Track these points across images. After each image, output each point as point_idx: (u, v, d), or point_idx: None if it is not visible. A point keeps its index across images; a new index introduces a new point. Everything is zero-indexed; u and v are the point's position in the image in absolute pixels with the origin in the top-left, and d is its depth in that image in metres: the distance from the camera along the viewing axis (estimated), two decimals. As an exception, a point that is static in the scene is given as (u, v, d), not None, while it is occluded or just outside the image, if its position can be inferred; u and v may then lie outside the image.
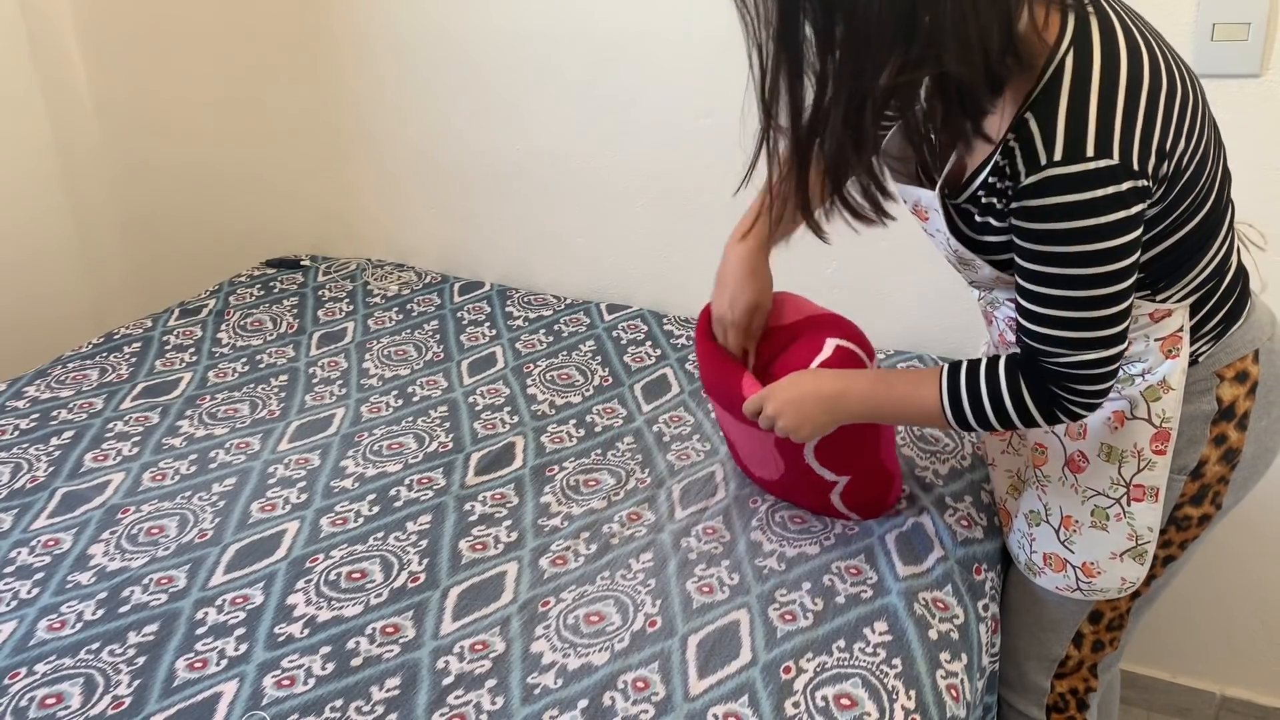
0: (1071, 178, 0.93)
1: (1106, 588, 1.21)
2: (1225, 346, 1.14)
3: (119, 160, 2.49)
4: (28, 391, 1.74)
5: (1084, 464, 1.19)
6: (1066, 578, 1.23)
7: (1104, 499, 1.18)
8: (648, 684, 1.11)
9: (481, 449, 1.57)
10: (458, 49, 2.08)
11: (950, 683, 1.14)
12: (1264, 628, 1.83)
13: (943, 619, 1.22)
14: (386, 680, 1.13)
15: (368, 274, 2.21)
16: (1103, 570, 1.20)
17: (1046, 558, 1.25)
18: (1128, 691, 1.91)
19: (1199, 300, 1.11)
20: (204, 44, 2.31)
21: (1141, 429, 1.14)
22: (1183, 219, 1.04)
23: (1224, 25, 1.52)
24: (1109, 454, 1.17)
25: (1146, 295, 1.09)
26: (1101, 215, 0.94)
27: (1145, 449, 1.14)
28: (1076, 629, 1.29)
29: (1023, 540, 1.29)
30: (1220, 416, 1.15)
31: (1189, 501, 1.18)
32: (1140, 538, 1.17)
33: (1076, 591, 1.23)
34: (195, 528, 1.39)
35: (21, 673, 1.14)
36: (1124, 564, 1.19)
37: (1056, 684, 1.33)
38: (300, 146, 2.32)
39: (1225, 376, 1.14)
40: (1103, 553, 1.20)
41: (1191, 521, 1.19)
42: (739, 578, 1.27)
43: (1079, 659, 1.31)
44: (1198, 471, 1.16)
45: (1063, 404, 1.06)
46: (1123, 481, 1.16)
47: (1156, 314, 1.10)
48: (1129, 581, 1.20)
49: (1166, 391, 1.13)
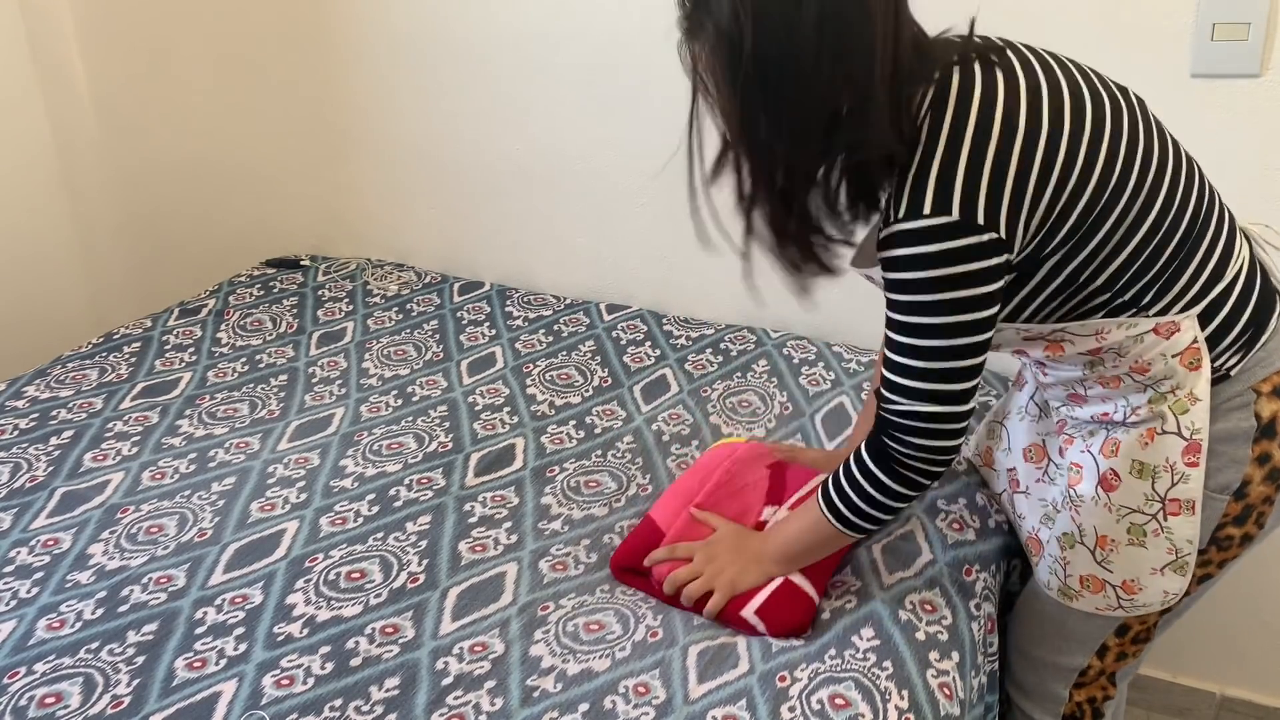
0: (911, 233, 1.01)
1: (1150, 602, 1.20)
2: (1259, 359, 1.12)
3: (118, 160, 2.50)
4: (27, 391, 1.74)
5: (1116, 482, 1.17)
6: (1106, 598, 1.21)
7: (1140, 515, 1.16)
8: (648, 689, 1.11)
9: (481, 449, 1.57)
10: (458, 49, 2.08)
11: (943, 681, 1.14)
12: (1264, 628, 1.83)
13: (930, 620, 1.21)
14: (386, 680, 1.13)
15: (367, 274, 2.21)
16: (1144, 586, 1.19)
17: (1084, 580, 1.23)
18: (1128, 692, 1.91)
19: (1207, 309, 1.10)
20: (204, 44, 2.31)
21: (1172, 443, 1.13)
22: (1115, 240, 1.05)
23: (1224, 25, 1.52)
24: (1140, 470, 1.15)
25: (1135, 313, 1.09)
26: (943, 267, 1.01)
27: (1178, 463, 1.13)
28: (1102, 642, 1.28)
29: (1055, 566, 1.26)
30: (1261, 434, 1.12)
31: (1232, 522, 1.16)
32: (1180, 550, 1.16)
33: (1119, 610, 1.22)
34: (194, 527, 1.39)
35: (21, 672, 1.14)
36: (1165, 577, 1.18)
37: (1075, 693, 1.32)
38: (300, 146, 2.32)
39: (1262, 391, 1.12)
40: (1143, 569, 1.18)
41: (1234, 541, 1.18)
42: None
43: (1100, 668, 1.30)
44: (1241, 492, 1.14)
45: (901, 459, 1.10)
46: (1158, 497, 1.15)
47: (1162, 329, 1.10)
48: (1171, 594, 1.19)
49: (1194, 403, 1.12)
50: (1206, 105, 1.57)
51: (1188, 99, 1.58)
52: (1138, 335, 1.10)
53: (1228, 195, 1.61)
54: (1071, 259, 1.06)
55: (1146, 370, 1.12)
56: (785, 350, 1.84)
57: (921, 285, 1.02)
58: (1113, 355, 1.12)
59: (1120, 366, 1.13)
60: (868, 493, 1.14)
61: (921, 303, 1.03)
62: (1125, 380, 1.15)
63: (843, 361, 1.80)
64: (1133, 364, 1.12)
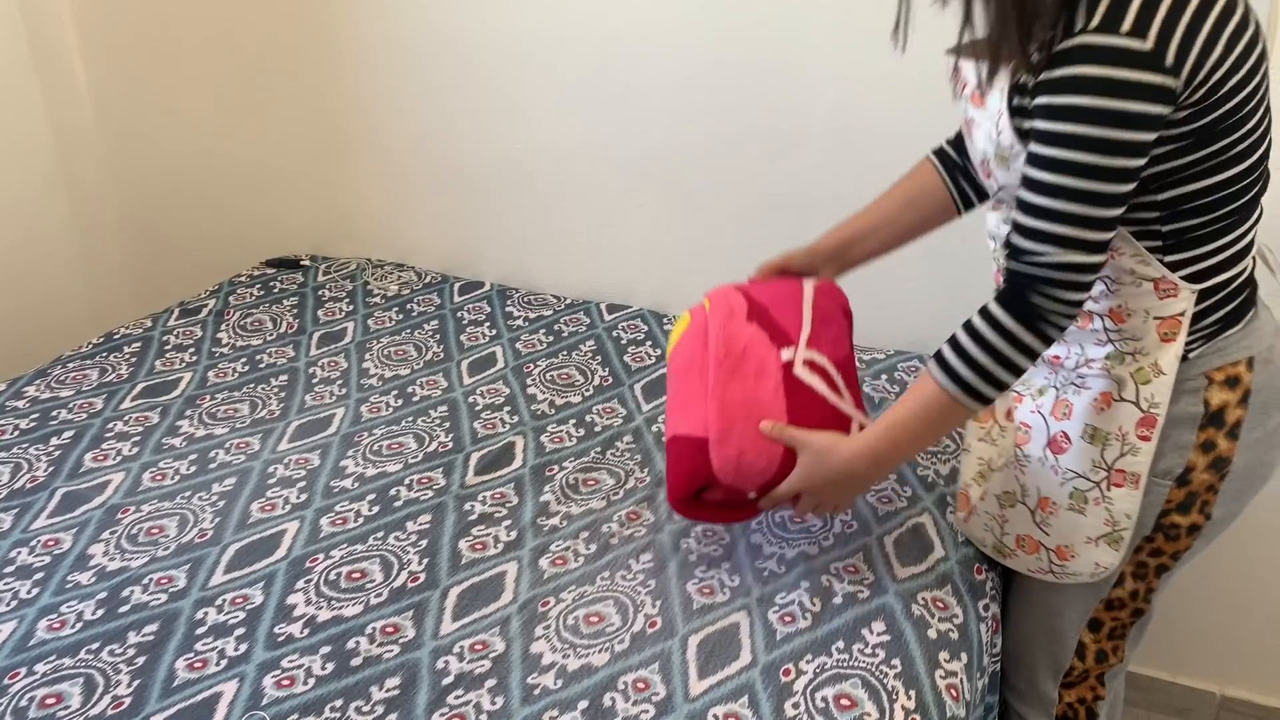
0: (1100, 50, 0.94)
1: (1079, 571, 1.21)
2: (1218, 348, 1.13)
3: (118, 160, 2.49)
4: (28, 391, 1.74)
5: (1066, 445, 1.18)
6: (1039, 560, 1.23)
7: (1084, 481, 1.17)
8: (648, 684, 1.11)
9: (481, 449, 1.57)
10: (458, 49, 2.08)
11: (950, 682, 1.14)
12: (1264, 628, 1.83)
13: (942, 619, 1.21)
14: (386, 680, 1.13)
15: (368, 274, 2.21)
16: (1077, 554, 1.20)
17: (1020, 540, 1.24)
18: (1128, 691, 1.91)
19: (1206, 291, 1.10)
20: (204, 44, 2.31)
21: (1128, 412, 1.14)
22: (1216, 162, 1.03)
23: (1224, 25, 1.51)
24: (1093, 436, 1.16)
25: (1158, 249, 1.08)
26: (1122, 100, 0.94)
27: (1130, 433, 1.14)
28: (1078, 639, 1.28)
29: (991, 523, 1.28)
30: (1208, 421, 1.13)
31: (1176, 509, 1.17)
32: (1117, 524, 1.17)
33: (1049, 574, 1.23)
34: (195, 528, 1.39)
35: (21, 672, 1.14)
36: (1099, 549, 1.19)
37: (1065, 693, 1.33)
38: (300, 146, 2.32)
39: (1215, 380, 1.13)
40: (1079, 536, 1.19)
41: (1180, 531, 1.18)
42: (739, 579, 1.27)
43: (1084, 669, 1.31)
44: (1184, 478, 1.15)
45: (1041, 312, 1.04)
46: (1104, 465, 1.16)
47: (1163, 285, 1.09)
48: (1102, 566, 1.20)
49: (1157, 375, 1.12)
50: (1206, 104, 1.57)
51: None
52: (1139, 278, 1.09)
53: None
54: (1177, 157, 1.02)
55: (1123, 320, 1.12)
56: (785, 350, 1.84)
57: (1091, 114, 0.95)
58: (1103, 286, 1.11)
59: (1101, 304, 1.13)
60: (1002, 353, 1.06)
61: (1085, 137, 0.96)
62: (1095, 321, 1.14)
63: (843, 361, 1.80)
64: (1114, 306, 1.12)
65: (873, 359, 1.81)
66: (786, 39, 1.80)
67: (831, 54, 1.78)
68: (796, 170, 1.87)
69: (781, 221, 1.86)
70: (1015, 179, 1.09)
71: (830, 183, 1.82)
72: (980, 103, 1.13)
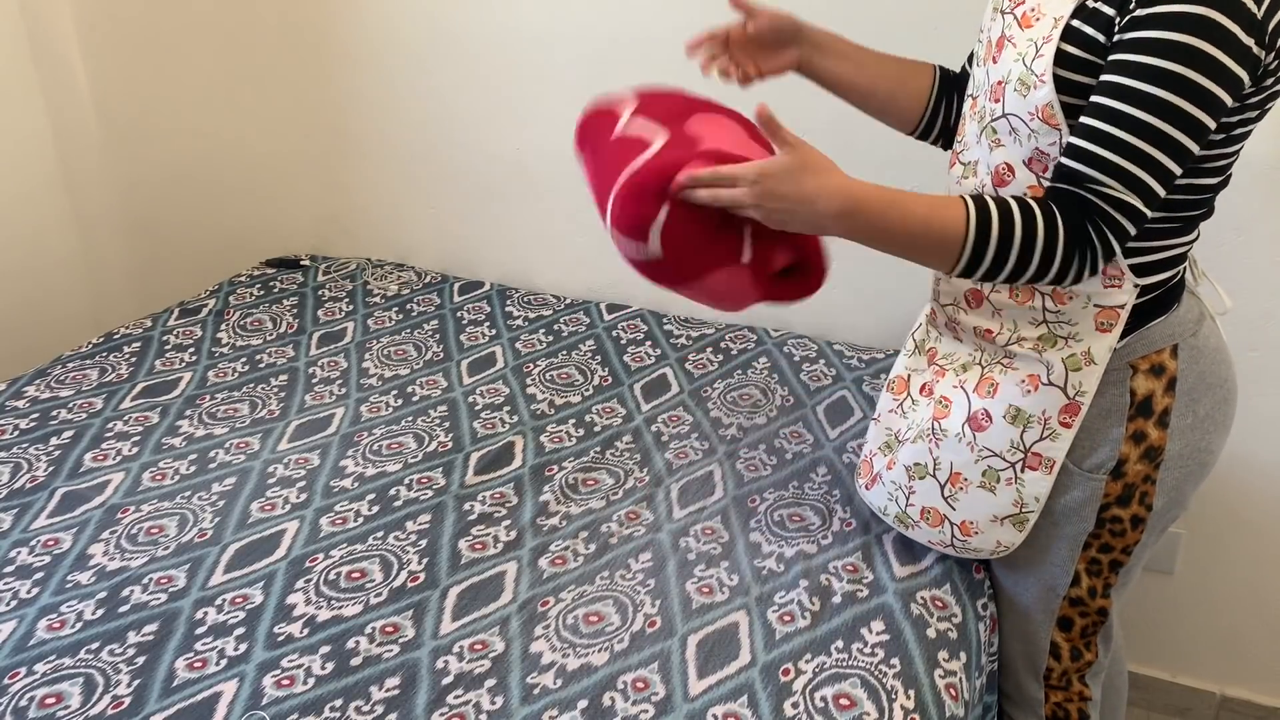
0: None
1: (980, 548, 1.22)
2: (1141, 337, 1.13)
3: (119, 160, 2.49)
4: (27, 391, 1.74)
5: (986, 424, 1.18)
6: (942, 533, 1.24)
7: (999, 461, 1.17)
8: (647, 684, 1.11)
9: (481, 448, 1.57)
10: (457, 49, 2.08)
11: (949, 681, 1.14)
12: (1264, 628, 1.83)
13: (941, 618, 1.22)
14: (386, 680, 1.13)
15: (367, 274, 2.21)
16: (980, 531, 1.20)
17: (924, 512, 1.25)
18: (1129, 692, 1.91)
19: (1147, 286, 1.11)
20: (204, 44, 2.31)
21: (1054, 397, 1.14)
22: (1200, 168, 1.04)
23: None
24: (1015, 417, 1.16)
25: None
26: (1222, 49, 0.93)
27: (1053, 418, 1.14)
28: (1050, 639, 1.29)
29: (896, 492, 1.28)
30: (1136, 412, 1.14)
31: (1115, 502, 1.17)
32: (1025, 505, 1.17)
33: (949, 548, 1.24)
34: (195, 527, 1.39)
35: (21, 672, 1.14)
36: (1003, 528, 1.19)
37: (1051, 694, 1.33)
38: (300, 146, 2.32)
39: (1139, 368, 1.14)
40: (984, 514, 1.20)
41: (1124, 524, 1.18)
42: (738, 578, 1.27)
43: (1063, 669, 1.31)
44: (1118, 470, 1.15)
45: (1092, 241, 1.00)
46: (1022, 447, 1.16)
47: (1110, 272, 1.09)
48: (1004, 545, 1.20)
49: (1089, 364, 1.12)
50: (1206, 104, 1.57)
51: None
52: None
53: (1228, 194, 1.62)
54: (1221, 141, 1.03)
55: (1064, 303, 1.12)
56: (786, 348, 1.84)
57: (1186, 54, 0.93)
58: None
59: None
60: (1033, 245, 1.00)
61: (1175, 75, 0.93)
62: (1036, 300, 1.13)
63: (844, 359, 1.80)
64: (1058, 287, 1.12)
65: (872, 358, 1.81)
66: (786, 39, 1.80)
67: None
68: (796, 170, 1.86)
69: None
70: (1023, 109, 1.06)
71: (830, 183, 1.81)
72: (1029, 24, 1.08)
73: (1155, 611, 1.88)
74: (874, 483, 1.33)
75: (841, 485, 1.46)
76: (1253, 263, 1.62)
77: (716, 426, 1.61)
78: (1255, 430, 1.71)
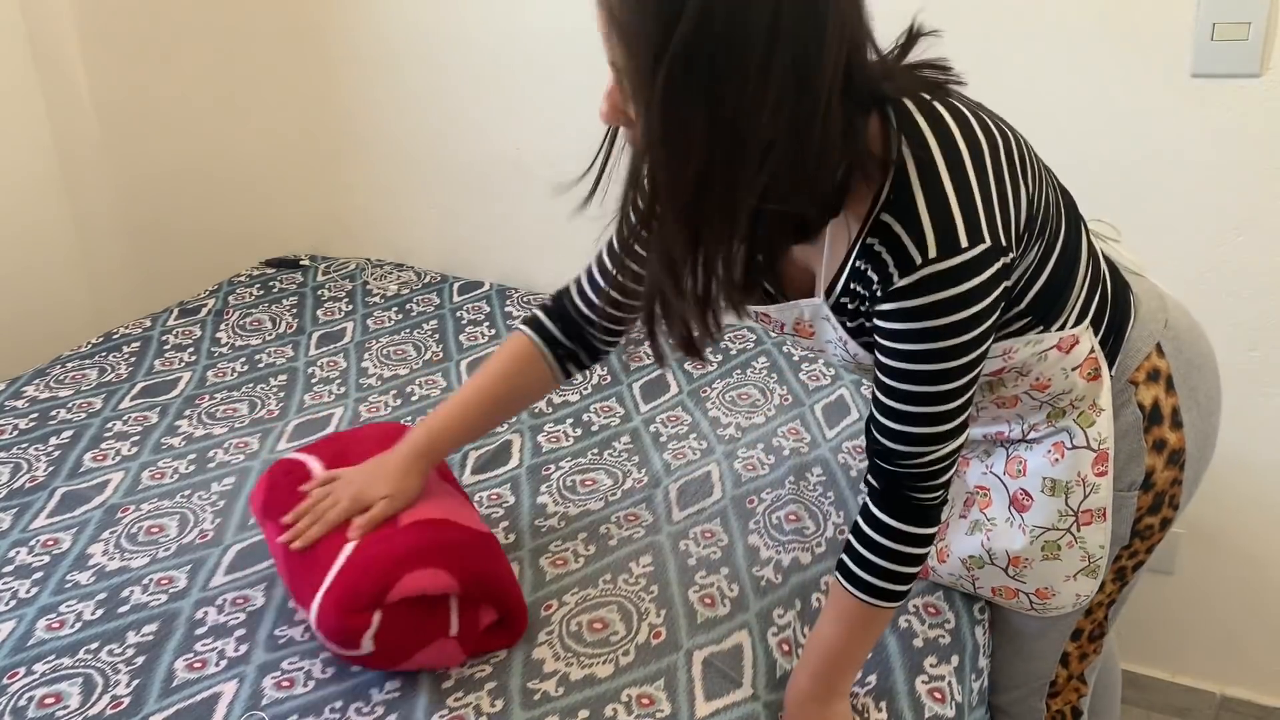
0: (950, 272, 0.88)
1: (1062, 605, 1.21)
2: (1127, 353, 1.14)
3: (119, 160, 2.49)
4: (27, 391, 1.74)
5: (1029, 501, 1.17)
6: (1019, 603, 1.23)
7: (1054, 532, 1.17)
8: (652, 700, 1.10)
9: (478, 447, 1.57)
10: (457, 49, 2.08)
11: (934, 686, 1.14)
12: (1264, 628, 1.83)
13: (933, 624, 1.21)
14: (386, 682, 1.12)
15: (367, 274, 2.21)
16: (1058, 592, 1.20)
17: (996, 590, 1.23)
18: (1128, 691, 1.91)
19: (1095, 318, 1.10)
20: (204, 45, 2.31)
21: (1082, 457, 1.14)
22: (1045, 258, 1.01)
23: (1224, 25, 1.52)
24: (1053, 488, 1.16)
25: (1040, 330, 1.05)
26: (974, 304, 0.90)
27: (1089, 475, 1.14)
28: (1063, 651, 1.28)
29: (961, 581, 1.26)
30: (1150, 422, 1.14)
31: (1147, 512, 1.17)
32: (1093, 556, 1.17)
33: (1031, 612, 1.23)
34: (195, 528, 1.39)
35: (20, 672, 1.14)
36: (1078, 582, 1.19)
37: (1051, 703, 1.33)
38: (299, 146, 2.32)
39: (1138, 381, 1.14)
40: (1056, 578, 1.19)
41: (1154, 529, 1.19)
42: (738, 589, 1.26)
43: (1068, 675, 1.31)
44: (1148, 483, 1.16)
45: (922, 504, 1.01)
46: (1071, 511, 1.15)
47: (1064, 343, 1.07)
48: (1083, 596, 1.20)
49: (1098, 414, 1.13)
50: (1207, 105, 1.57)
51: (1188, 99, 1.58)
52: (1042, 352, 1.07)
53: (1228, 195, 1.62)
54: (1022, 279, 1.00)
55: (1046, 387, 1.11)
56: (785, 349, 1.84)
57: (944, 331, 0.91)
58: (1014, 375, 1.10)
59: (1020, 385, 1.12)
60: (896, 551, 1.02)
61: (939, 350, 0.92)
62: (1023, 400, 1.14)
63: (842, 361, 1.80)
64: (1034, 382, 1.11)
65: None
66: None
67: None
68: (796, 170, 1.86)
69: (781, 221, 1.86)
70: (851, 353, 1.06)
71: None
72: (809, 334, 1.08)
73: (1155, 611, 1.88)
74: (925, 573, 1.29)
75: (836, 487, 1.45)
76: (1253, 262, 1.62)
77: (715, 426, 1.61)
78: (1255, 430, 1.70)
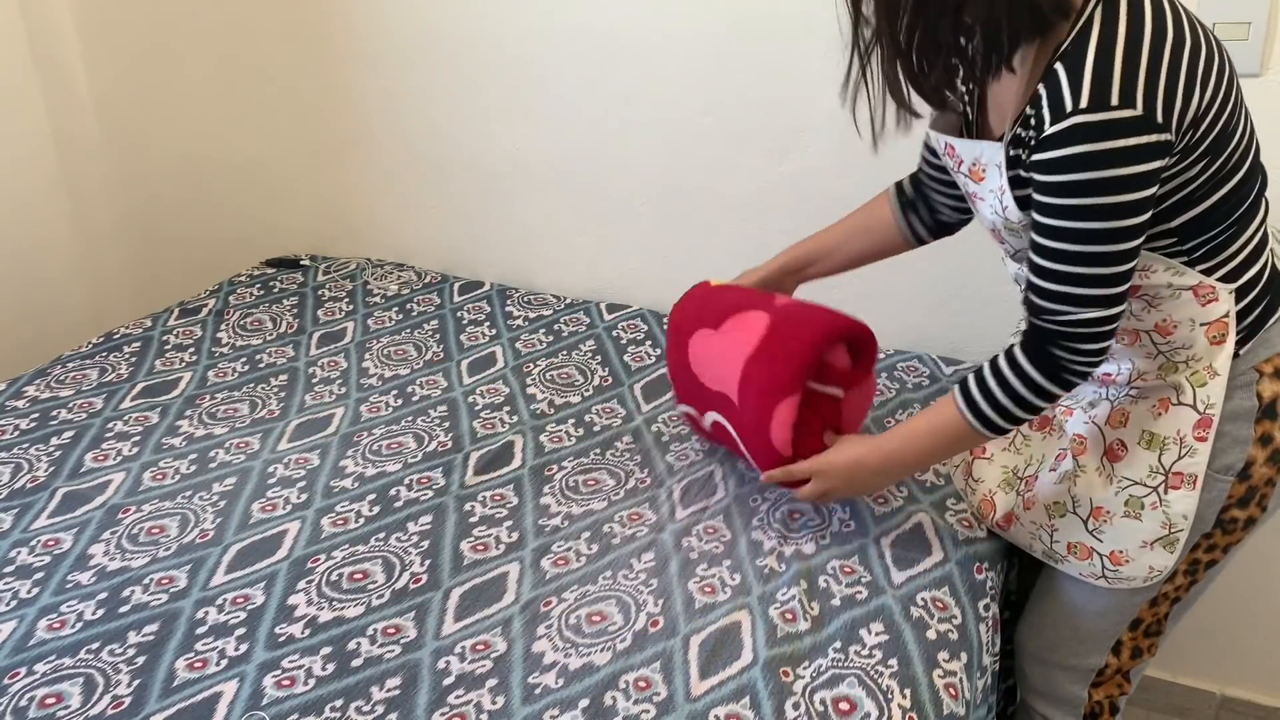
0: (1097, 126, 0.96)
1: (1134, 576, 1.20)
2: (1264, 340, 1.13)
3: (119, 160, 2.49)
4: (27, 391, 1.74)
5: (1123, 453, 1.18)
6: (1092, 565, 1.22)
7: (1141, 488, 1.17)
8: (649, 683, 1.11)
9: (480, 448, 1.57)
10: (457, 48, 2.08)
11: (948, 681, 1.14)
12: (1264, 628, 1.83)
13: (941, 619, 1.21)
14: (387, 680, 1.13)
15: (367, 274, 2.21)
16: (1131, 559, 1.19)
17: (1071, 546, 1.24)
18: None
19: (1242, 287, 1.11)
20: (204, 44, 2.31)
21: (1185, 415, 1.14)
22: (1216, 181, 1.05)
23: (1224, 25, 1.52)
24: (1150, 441, 1.16)
25: (1184, 259, 1.09)
26: (1122, 167, 0.96)
27: (1188, 435, 1.14)
28: (1117, 638, 1.28)
29: (1038, 531, 1.27)
30: (1263, 414, 1.13)
31: (1236, 504, 1.16)
32: (1174, 525, 1.16)
33: (1101, 579, 1.22)
34: (196, 528, 1.39)
35: (21, 672, 1.14)
36: (1154, 552, 1.18)
37: (1093, 692, 1.32)
38: (300, 146, 2.32)
39: (1264, 372, 1.13)
40: (1133, 541, 1.18)
41: (1238, 525, 1.18)
42: (740, 578, 1.27)
43: (1117, 666, 1.30)
44: (1245, 473, 1.15)
45: (1065, 365, 1.08)
46: (1162, 469, 1.16)
47: (1200, 292, 1.10)
48: (1156, 570, 1.19)
49: (1212, 377, 1.13)
50: (1207, 105, 1.57)
51: (1188, 98, 1.58)
52: (1176, 289, 1.10)
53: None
54: (1180, 190, 1.05)
55: (1170, 333, 1.13)
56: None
57: (1093, 186, 0.97)
58: (1144, 303, 1.12)
59: (1145, 320, 1.13)
60: (1022, 396, 1.11)
61: (1089, 206, 0.99)
62: (1143, 338, 1.15)
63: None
64: (1159, 321, 1.12)
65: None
66: (787, 39, 1.80)
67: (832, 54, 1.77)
68: (796, 170, 1.87)
69: (781, 221, 1.86)
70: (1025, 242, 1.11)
71: (830, 183, 1.82)
72: (979, 178, 1.14)
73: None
74: (1009, 521, 1.32)
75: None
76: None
77: (717, 427, 1.61)
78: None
